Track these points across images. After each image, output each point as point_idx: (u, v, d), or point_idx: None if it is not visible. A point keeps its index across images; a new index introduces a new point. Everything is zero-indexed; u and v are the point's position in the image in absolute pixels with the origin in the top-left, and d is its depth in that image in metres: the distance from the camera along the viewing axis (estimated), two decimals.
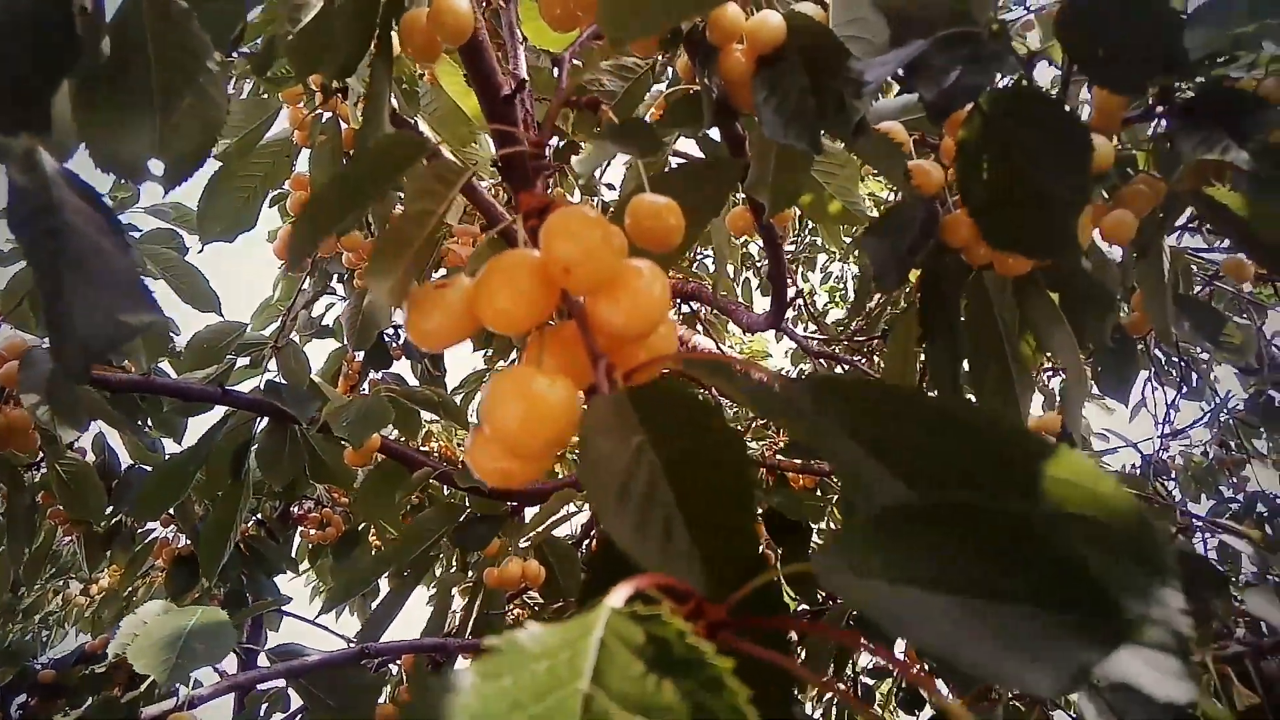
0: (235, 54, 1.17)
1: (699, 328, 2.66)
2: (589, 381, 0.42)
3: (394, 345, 2.60)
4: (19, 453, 1.36)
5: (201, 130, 0.59)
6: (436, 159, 0.45)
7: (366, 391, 2.41)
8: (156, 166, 0.57)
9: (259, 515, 2.69)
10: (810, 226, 3.70)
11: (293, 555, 2.77)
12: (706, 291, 1.78)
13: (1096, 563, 0.32)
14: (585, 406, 0.37)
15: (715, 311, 2.13)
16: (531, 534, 1.39)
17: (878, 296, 2.36)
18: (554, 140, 2.68)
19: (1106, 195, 0.96)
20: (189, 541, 2.47)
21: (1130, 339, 1.37)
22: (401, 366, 2.75)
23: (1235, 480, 4.01)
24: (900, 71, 0.60)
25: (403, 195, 1.38)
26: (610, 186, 3.23)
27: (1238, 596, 1.08)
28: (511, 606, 1.81)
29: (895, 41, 0.72)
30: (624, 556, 0.31)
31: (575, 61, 0.67)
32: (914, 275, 1.05)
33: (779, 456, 1.65)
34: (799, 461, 1.59)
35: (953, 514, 0.31)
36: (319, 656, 1.13)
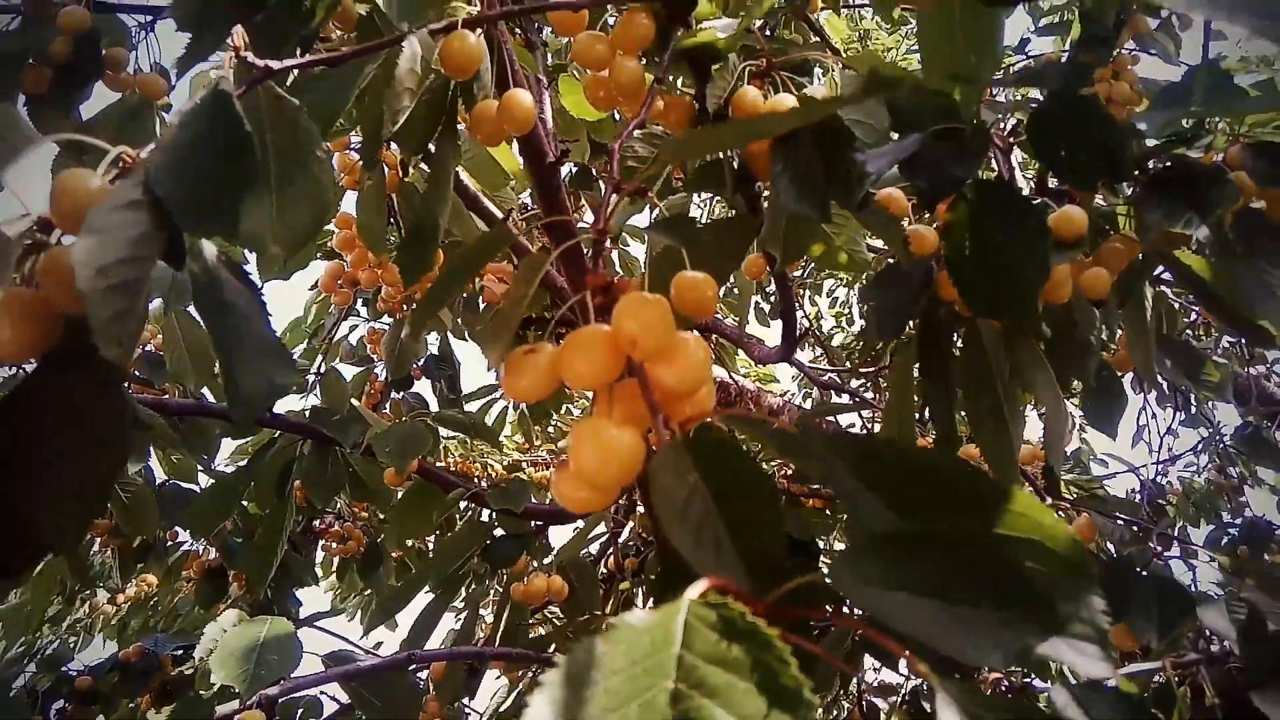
0: None
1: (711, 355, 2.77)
2: (647, 427, 0.53)
3: (415, 367, 2.72)
4: None
5: (312, 209, 0.70)
6: (517, 248, 0.56)
7: (388, 410, 2.54)
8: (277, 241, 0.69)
9: None
10: None
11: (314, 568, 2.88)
12: (719, 323, 1.90)
13: (1039, 575, 0.43)
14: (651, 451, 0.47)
15: (724, 341, 2.24)
16: (566, 551, 1.50)
17: None
18: (569, 168, 2.80)
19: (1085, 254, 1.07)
20: (218, 555, 2.58)
21: (1116, 376, 1.47)
22: (421, 386, 2.85)
23: (1233, 506, 4.10)
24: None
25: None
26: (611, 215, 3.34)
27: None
28: (534, 621, 1.91)
29: (895, 127, 0.84)
30: (684, 564, 0.42)
31: (622, 153, 0.79)
32: None
33: (789, 482, 1.76)
34: (808, 487, 1.70)
35: (931, 538, 0.42)
36: (370, 662, 1.24)
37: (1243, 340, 3.31)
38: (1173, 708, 0.88)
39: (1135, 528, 1.34)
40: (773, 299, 3.45)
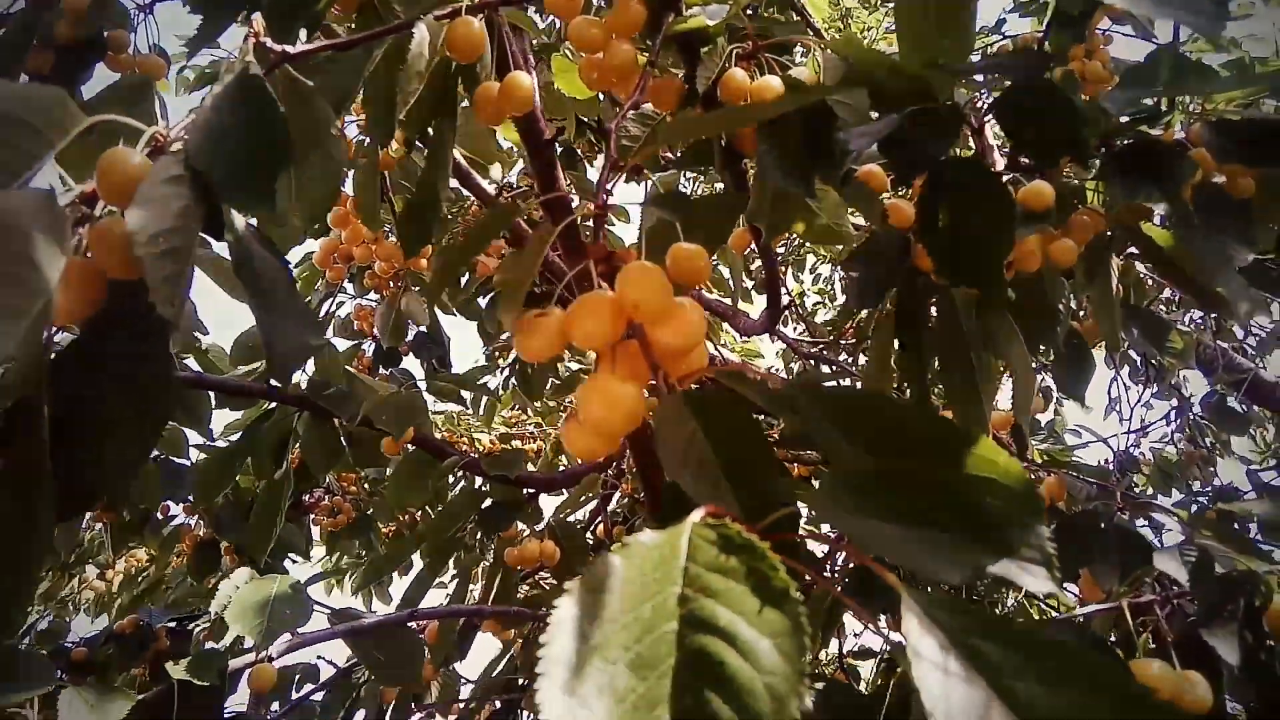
0: None
1: None
2: (647, 383, 0.58)
3: (404, 344, 2.76)
4: None
5: (326, 182, 0.75)
6: (524, 221, 0.61)
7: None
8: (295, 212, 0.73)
9: None
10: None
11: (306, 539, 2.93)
12: (703, 296, 1.95)
13: (994, 508, 0.48)
14: (653, 404, 0.53)
15: (711, 314, 2.29)
16: (561, 509, 1.55)
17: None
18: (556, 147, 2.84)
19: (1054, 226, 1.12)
20: (209, 528, 2.63)
21: (1085, 344, 1.54)
22: (409, 364, 2.89)
23: (1203, 476, 4.23)
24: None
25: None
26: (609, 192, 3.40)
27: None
28: (526, 585, 1.97)
29: (875, 107, 0.89)
30: (684, 497, 0.48)
31: (619, 132, 0.83)
32: None
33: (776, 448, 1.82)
34: (791, 453, 1.76)
35: (900, 475, 0.47)
36: (374, 619, 1.29)
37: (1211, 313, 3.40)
38: (1132, 646, 0.95)
39: (1101, 487, 1.41)
40: (756, 274, 3.51)
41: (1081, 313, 1.65)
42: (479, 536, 1.90)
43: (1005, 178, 1.06)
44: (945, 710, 0.33)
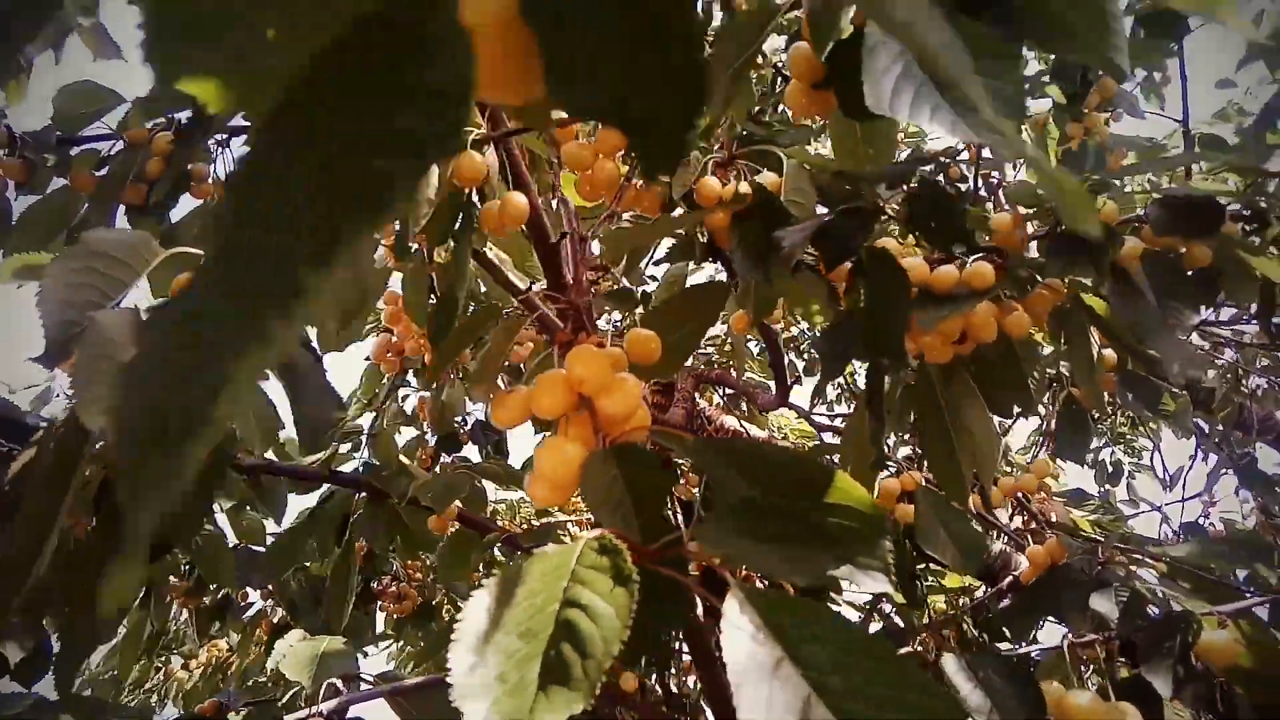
0: None
1: (744, 407, 2.95)
2: (593, 444, 0.72)
3: (463, 431, 2.94)
4: None
5: (359, 291, 0.91)
6: (508, 316, 0.77)
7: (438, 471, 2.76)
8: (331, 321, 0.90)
9: None
10: None
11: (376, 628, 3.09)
12: (730, 377, 2.08)
13: (843, 527, 0.60)
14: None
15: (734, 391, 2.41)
16: None
17: None
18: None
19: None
20: (285, 613, 2.80)
21: (1082, 408, 1.61)
22: (469, 451, 3.07)
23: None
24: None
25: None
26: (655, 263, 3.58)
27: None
28: None
29: (821, 203, 1.04)
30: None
31: (599, 235, 0.99)
32: None
33: None
34: None
35: (773, 504, 0.60)
36: (415, 681, 1.42)
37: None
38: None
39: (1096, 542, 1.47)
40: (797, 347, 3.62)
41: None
42: None
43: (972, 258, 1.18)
44: (744, 666, 0.45)
